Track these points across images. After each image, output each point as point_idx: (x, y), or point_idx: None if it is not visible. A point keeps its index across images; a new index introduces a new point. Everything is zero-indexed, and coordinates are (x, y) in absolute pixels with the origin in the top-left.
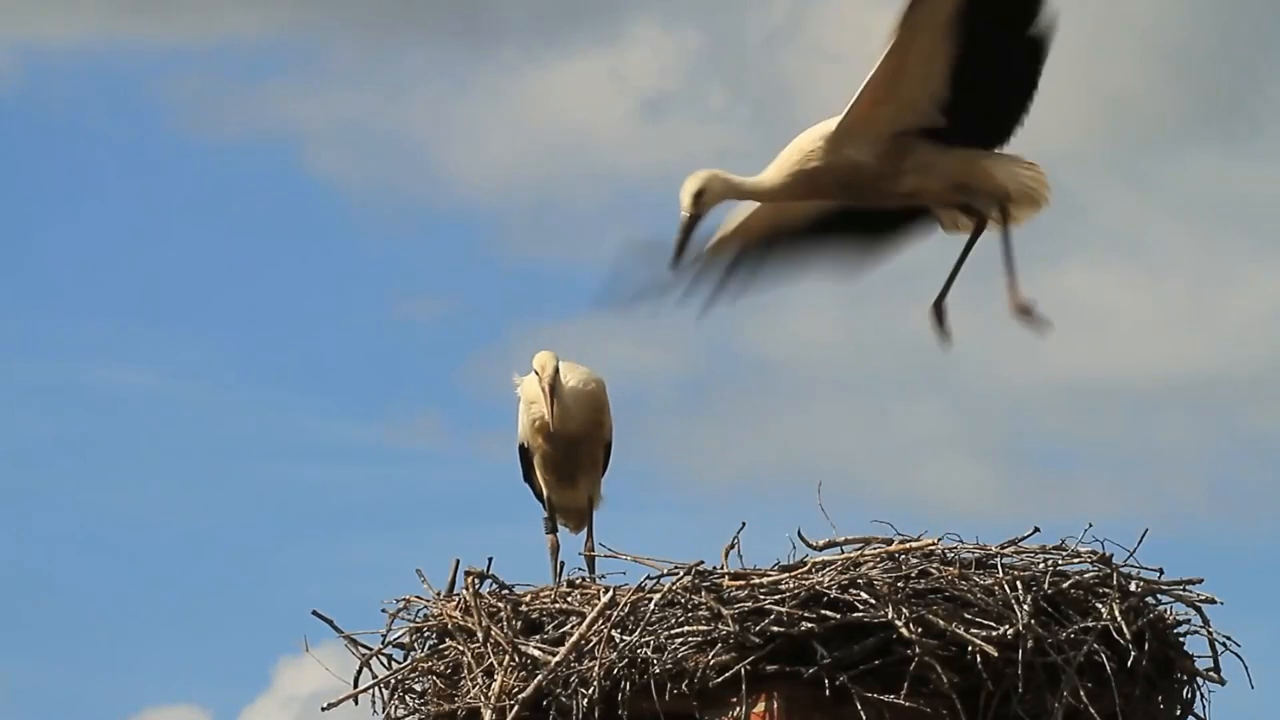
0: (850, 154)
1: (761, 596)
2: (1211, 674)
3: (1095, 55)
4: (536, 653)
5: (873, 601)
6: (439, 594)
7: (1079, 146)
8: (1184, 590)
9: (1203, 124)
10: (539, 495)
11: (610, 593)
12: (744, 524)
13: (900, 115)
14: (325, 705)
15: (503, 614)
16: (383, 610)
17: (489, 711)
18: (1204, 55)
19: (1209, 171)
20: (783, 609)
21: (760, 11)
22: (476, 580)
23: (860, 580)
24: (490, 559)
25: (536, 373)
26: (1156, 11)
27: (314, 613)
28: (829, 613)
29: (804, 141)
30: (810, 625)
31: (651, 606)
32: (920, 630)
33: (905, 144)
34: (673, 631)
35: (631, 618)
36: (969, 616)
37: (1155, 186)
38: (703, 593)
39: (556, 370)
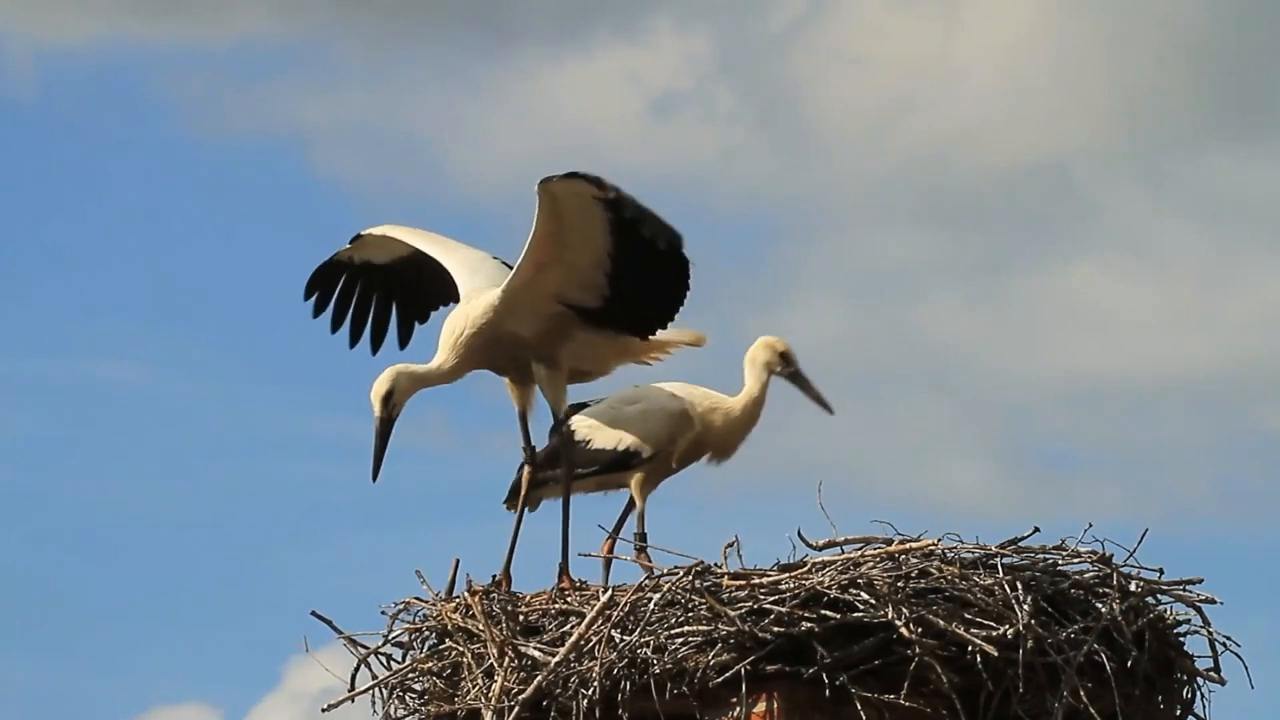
0: (511, 326)
1: (761, 596)
2: (1211, 674)
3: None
4: (536, 653)
5: (873, 601)
6: (438, 595)
7: (1097, 143)
8: (1184, 590)
9: (1222, 122)
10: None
11: (610, 593)
12: (736, 537)
13: (564, 284)
14: (325, 706)
15: (503, 614)
16: (382, 612)
17: (489, 712)
18: (1224, 52)
19: (1225, 170)
20: (783, 609)
21: (770, 13)
22: (482, 594)
23: (860, 580)
24: (494, 576)
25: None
26: (1175, 7)
27: (313, 613)
28: (829, 613)
29: (469, 310)
30: (810, 625)
31: (651, 606)
32: (920, 630)
33: (564, 324)
34: (673, 631)
35: (631, 618)
36: (969, 616)
37: (1171, 186)
38: (703, 593)
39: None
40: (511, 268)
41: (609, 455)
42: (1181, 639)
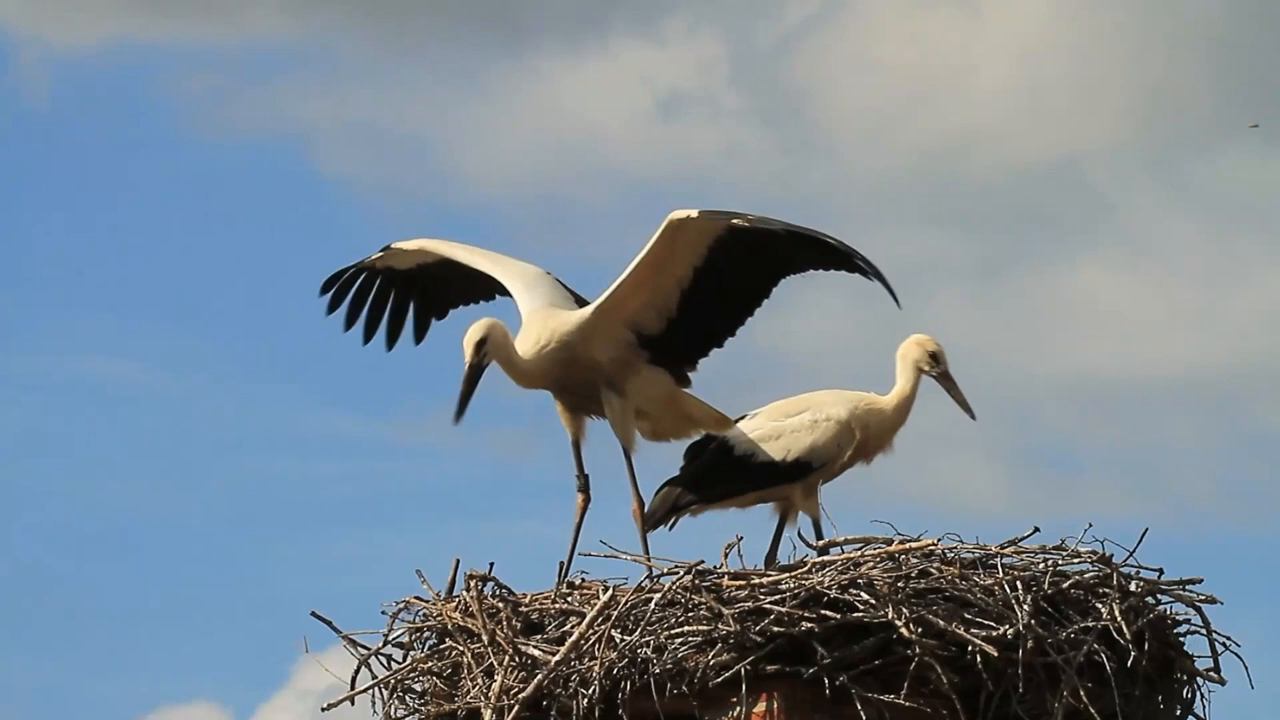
0: (591, 348)
1: (761, 596)
2: (1211, 674)
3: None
4: (536, 652)
5: (873, 601)
6: (439, 594)
7: (1112, 142)
8: (1184, 590)
9: (1239, 121)
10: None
11: (610, 592)
12: (736, 537)
13: (643, 309)
14: (325, 706)
15: (503, 614)
16: (383, 612)
17: (489, 711)
18: (1241, 51)
19: (1240, 169)
20: (783, 609)
21: (782, 12)
22: (479, 583)
23: (860, 580)
24: (492, 563)
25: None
26: (1192, 5)
27: (313, 613)
28: (829, 613)
29: (555, 324)
30: (810, 625)
31: (651, 606)
32: (920, 630)
33: (632, 354)
34: (673, 631)
35: (631, 617)
36: (969, 616)
37: (1185, 185)
38: (703, 593)
39: None
40: (561, 282)
41: (777, 468)
42: (1181, 639)
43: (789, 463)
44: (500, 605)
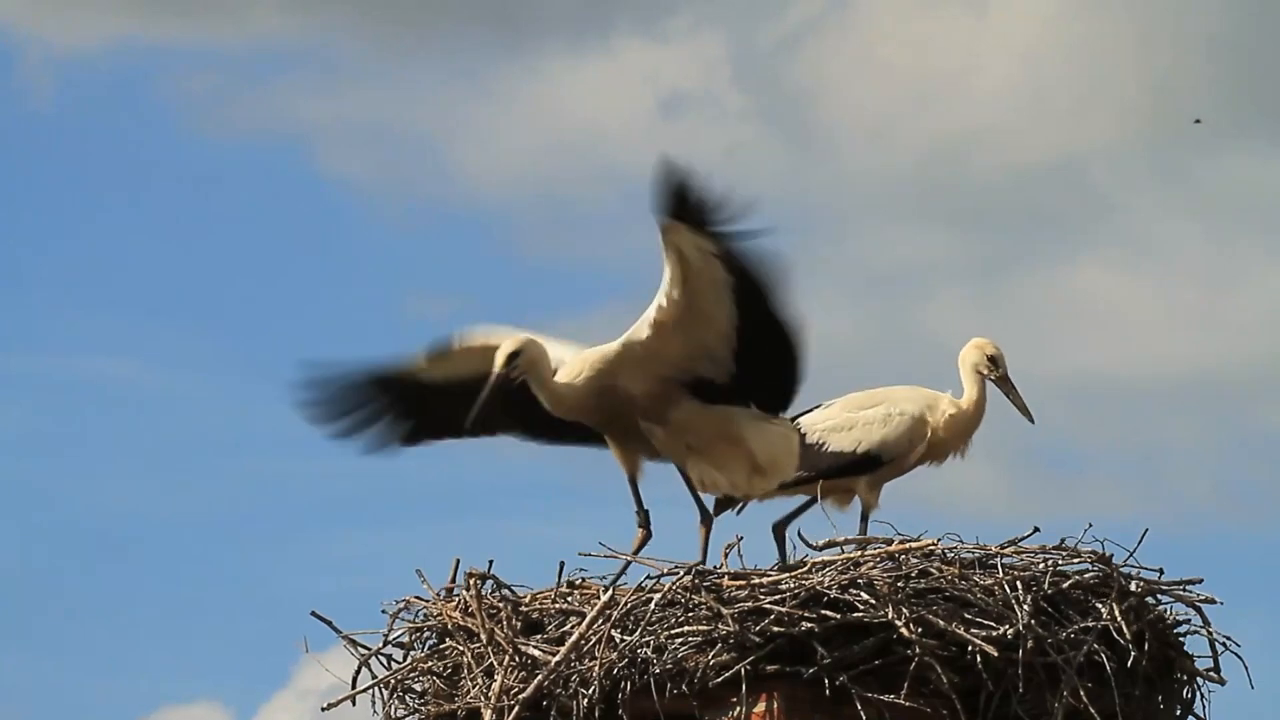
0: (625, 383)
1: (761, 596)
2: (1211, 674)
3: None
4: (537, 653)
5: (873, 601)
6: (439, 594)
7: (1115, 142)
8: (1184, 590)
9: (1242, 121)
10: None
11: (610, 593)
12: (736, 537)
13: (685, 352)
14: (325, 706)
15: (503, 614)
16: (383, 611)
17: (489, 711)
18: (1245, 51)
19: (1243, 169)
20: (783, 609)
21: (785, 11)
22: (478, 581)
23: (860, 580)
24: (491, 561)
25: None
26: (1196, 4)
27: (313, 614)
28: (829, 613)
29: (587, 354)
30: (810, 625)
31: (652, 606)
32: (920, 630)
33: (674, 392)
34: (673, 631)
35: (631, 617)
36: (969, 616)
37: (1188, 185)
38: (703, 593)
39: None
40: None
41: (846, 459)
42: (1181, 639)
43: (859, 454)
44: (500, 605)
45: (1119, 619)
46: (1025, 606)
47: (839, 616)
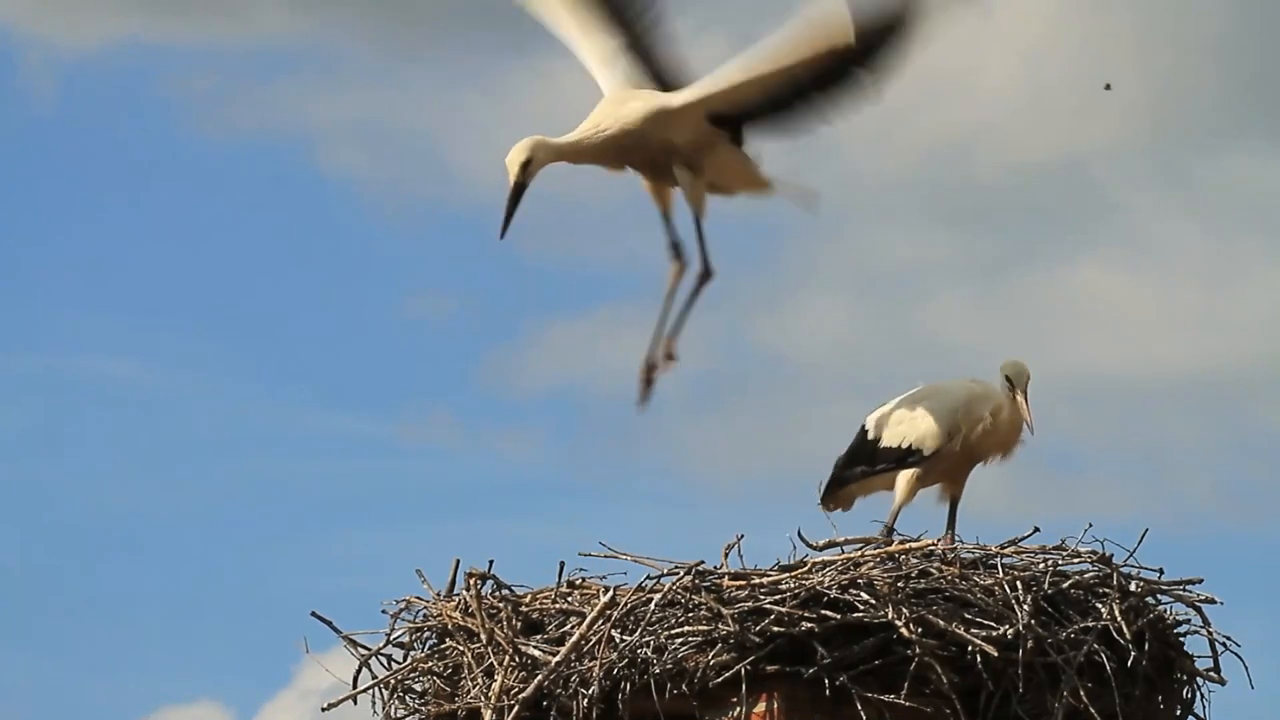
0: (668, 134)
1: (761, 596)
2: (1211, 674)
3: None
4: (537, 653)
5: (873, 601)
6: (439, 594)
7: (1118, 141)
8: (1184, 590)
9: (1244, 121)
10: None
11: (610, 593)
12: (736, 537)
13: (726, 108)
14: (325, 706)
15: (503, 614)
16: (383, 611)
17: (489, 711)
18: (1247, 51)
19: (1245, 169)
20: (783, 609)
21: (782, 15)
22: (478, 581)
23: (860, 580)
24: (491, 561)
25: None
26: (1198, 5)
27: (313, 614)
28: (829, 613)
29: (624, 113)
30: (810, 625)
31: (652, 606)
32: (920, 630)
33: (713, 138)
34: (673, 631)
35: (631, 618)
36: (969, 616)
37: (1190, 185)
38: (703, 593)
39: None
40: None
41: (895, 453)
42: (1181, 639)
43: (902, 448)
44: (500, 605)
45: (1119, 619)
46: (1025, 606)
47: (839, 616)
